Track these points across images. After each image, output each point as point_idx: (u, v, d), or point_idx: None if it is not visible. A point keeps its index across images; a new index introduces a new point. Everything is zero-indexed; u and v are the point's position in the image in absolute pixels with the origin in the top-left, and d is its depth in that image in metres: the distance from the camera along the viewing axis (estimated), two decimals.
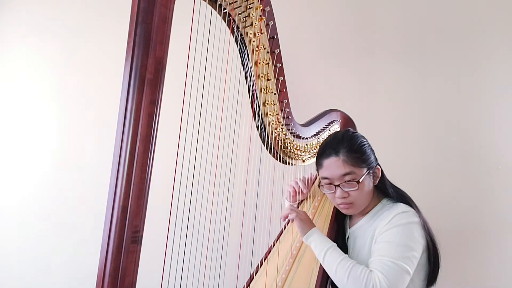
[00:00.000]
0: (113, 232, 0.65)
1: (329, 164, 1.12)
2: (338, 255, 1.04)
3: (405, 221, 1.04)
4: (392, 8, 1.95)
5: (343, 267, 1.00)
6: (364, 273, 0.97)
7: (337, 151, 1.11)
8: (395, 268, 0.96)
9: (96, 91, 2.22)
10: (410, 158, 1.81)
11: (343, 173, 1.09)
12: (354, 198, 1.11)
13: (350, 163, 1.09)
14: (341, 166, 1.09)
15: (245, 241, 1.27)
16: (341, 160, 1.10)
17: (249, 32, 1.04)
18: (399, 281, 0.96)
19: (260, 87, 1.15)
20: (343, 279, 0.99)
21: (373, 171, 1.13)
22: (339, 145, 1.11)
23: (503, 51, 1.78)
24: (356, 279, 0.96)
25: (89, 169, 2.17)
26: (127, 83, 0.66)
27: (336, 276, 1.01)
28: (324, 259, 1.05)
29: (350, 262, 1.01)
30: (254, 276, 1.22)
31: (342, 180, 1.10)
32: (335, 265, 1.01)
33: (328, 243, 1.07)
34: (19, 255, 2.22)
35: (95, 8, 2.28)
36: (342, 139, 1.13)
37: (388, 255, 0.99)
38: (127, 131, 0.66)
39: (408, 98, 1.89)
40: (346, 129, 1.20)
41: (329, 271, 1.04)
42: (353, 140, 1.13)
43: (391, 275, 0.95)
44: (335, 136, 1.18)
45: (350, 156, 1.09)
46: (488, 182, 1.74)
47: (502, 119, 1.75)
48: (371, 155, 1.14)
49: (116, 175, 0.66)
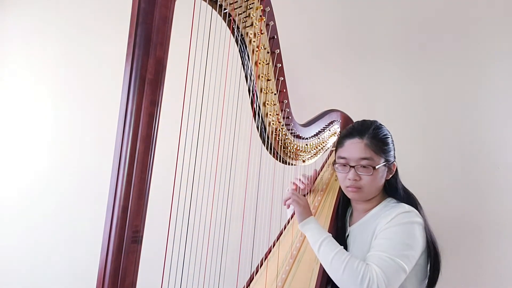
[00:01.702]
0: (114, 232, 0.65)
1: (351, 144, 1.14)
2: (334, 246, 1.03)
3: (407, 220, 1.04)
4: (392, 8, 1.95)
5: (339, 259, 0.99)
6: (361, 266, 0.96)
7: (362, 135, 1.14)
8: (392, 264, 0.96)
9: (96, 91, 2.22)
10: (409, 158, 1.81)
11: (362, 157, 1.11)
12: (364, 184, 1.12)
13: (372, 148, 1.11)
14: (362, 149, 1.12)
15: (245, 241, 1.27)
16: (364, 143, 1.12)
17: (249, 33, 1.04)
18: (395, 278, 0.96)
19: (260, 87, 1.15)
20: (338, 270, 0.97)
21: (389, 164, 1.15)
22: (366, 130, 1.15)
23: (504, 51, 1.77)
24: (352, 271, 0.95)
25: (90, 169, 2.17)
26: (128, 83, 0.67)
27: (331, 267, 1.00)
28: (319, 249, 1.04)
29: (346, 254, 1.00)
30: (254, 276, 1.23)
31: (358, 163, 1.12)
32: (331, 255, 1.00)
33: (325, 233, 1.07)
34: (19, 255, 2.22)
35: (95, 8, 2.28)
36: (370, 125, 1.17)
37: (387, 251, 0.99)
38: (128, 131, 0.66)
39: (408, 98, 1.89)
40: (375, 120, 1.22)
41: (324, 262, 1.03)
42: (380, 130, 1.17)
43: (388, 270, 0.95)
44: (363, 122, 1.20)
45: (373, 143, 1.12)
46: (488, 182, 1.74)
47: (502, 119, 1.75)
48: (392, 149, 1.17)
49: (116, 176, 0.66)
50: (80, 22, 2.29)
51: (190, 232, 0.89)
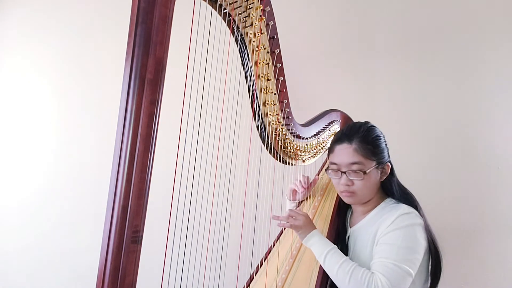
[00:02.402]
0: (113, 232, 0.65)
1: (340, 150, 1.13)
2: (339, 257, 1.04)
3: (408, 223, 1.04)
4: (392, 8, 1.95)
5: (344, 270, 1.00)
6: (365, 276, 0.97)
7: (351, 139, 1.12)
8: (397, 270, 0.96)
9: (96, 91, 2.22)
10: (409, 158, 1.81)
11: (351, 162, 1.10)
12: (357, 188, 1.11)
13: (361, 153, 1.10)
14: (351, 154, 1.11)
15: (245, 241, 1.27)
16: (352, 148, 1.11)
17: (249, 32, 1.04)
18: (401, 284, 0.97)
19: (260, 87, 1.15)
20: (344, 281, 0.99)
21: (382, 166, 1.14)
22: (355, 134, 1.13)
23: (504, 50, 1.77)
24: (357, 281, 0.96)
25: (89, 169, 2.17)
26: (127, 83, 0.67)
27: (337, 278, 1.01)
28: (324, 261, 1.05)
29: (351, 265, 1.01)
30: (254, 276, 1.23)
31: (349, 168, 1.11)
32: (336, 267, 1.01)
33: (329, 245, 1.07)
34: (19, 255, 2.22)
35: (95, 8, 2.28)
36: (358, 129, 1.15)
37: (391, 257, 0.99)
38: (127, 131, 0.66)
39: (408, 98, 1.89)
40: (366, 121, 1.20)
41: (330, 273, 1.04)
42: (369, 132, 1.15)
43: (393, 277, 0.95)
44: (353, 126, 1.18)
45: (363, 147, 1.11)
46: (488, 182, 1.74)
47: (502, 119, 1.75)
48: (383, 151, 1.15)
49: (116, 175, 0.66)
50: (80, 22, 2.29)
51: (190, 231, 0.89)
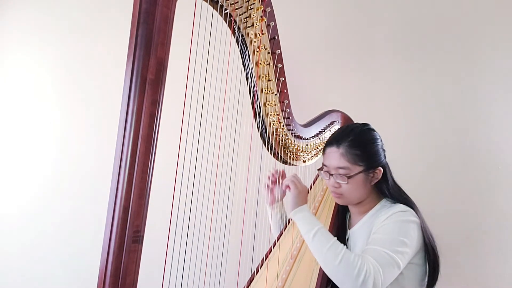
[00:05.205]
0: (115, 232, 0.65)
1: (329, 153, 1.14)
2: (329, 237, 1.01)
3: (403, 219, 1.04)
4: (392, 8, 1.95)
5: (334, 251, 0.96)
6: (357, 259, 0.94)
7: (339, 143, 1.11)
8: (388, 258, 0.96)
9: (97, 91, 2.23)
10: (409, 158, 1.81)
11: (338, 166, 1.11)
12: (344, 191, 1.12)
13: (347, 158, 1.10)
14: (337, 159, 1.11)
15: (245, 241, 1.28)
16: (339, 153, 1.11)
17: (250, 33, 1.05)
18: (390, 272, 0.95)
19: (261, 88, 1.15)
20: (333, 262, 0.94)
21: (372, 171, 1.12)
22: (344, 138, 1.12)
23: (504, 50, 1.77)
24: (348, 264, 0.93)
25: (91, 169, 2.17)
26: (129, 83, 0.67)
27: (326, 258, 0.97)
28: (313, 239, 1.00)
29: (342, 246, 0.98)
30: (255, 276, 1.23)
31: (336, 172, 1.11)
32: (326, 246, 0.97)
33: (318, 223, 1.04)
34: (20, 254, 2.22)
35: (96, 9, 2.28)
36: (349, 133, 1.13)
37: (383, 246, 0.98)
38: (129, 131, 0.66)
39: (409, 98, 1.89)
40: (361, 124, 1.19)
41: (317, 252, 0.99)
42: (360, 136, 1.13)
43: (384, 264, 0.94)
44: (345, 129, 1.17)
45: (349, 152, 1.10)
46: (488, 182, 1.74)
47: (502, 119, 1.75)
48: (374, 155, 1.12)
49: (117, 176, 0.66)
50: (81, 22, 2.29)
51: (191, 231, 0.89)
